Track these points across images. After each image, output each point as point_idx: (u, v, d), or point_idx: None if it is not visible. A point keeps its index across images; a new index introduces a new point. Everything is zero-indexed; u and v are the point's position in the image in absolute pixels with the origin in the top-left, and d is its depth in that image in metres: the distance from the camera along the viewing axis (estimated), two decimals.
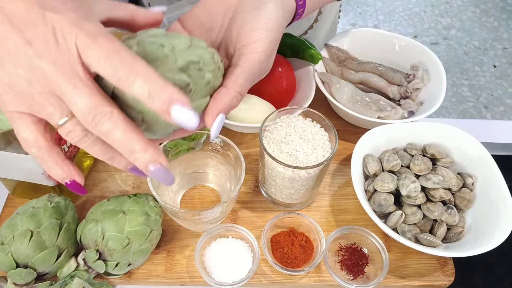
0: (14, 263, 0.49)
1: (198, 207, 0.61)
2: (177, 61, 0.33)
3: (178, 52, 0.33)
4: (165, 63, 0.33)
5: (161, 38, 0.34)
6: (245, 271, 0.54)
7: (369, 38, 0.75)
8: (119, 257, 0.50)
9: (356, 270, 0.55)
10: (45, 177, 0.54)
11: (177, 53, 0.33)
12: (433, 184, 0.56)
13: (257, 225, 0.60)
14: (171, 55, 0.33)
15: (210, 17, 0.43)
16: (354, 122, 0.70)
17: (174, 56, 0.33)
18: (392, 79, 0.71)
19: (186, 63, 0.33)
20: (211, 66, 0.36)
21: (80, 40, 0.30)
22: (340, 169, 0.66)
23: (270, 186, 0.58)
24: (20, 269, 0.48)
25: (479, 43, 2.21)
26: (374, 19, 2.31)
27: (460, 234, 0.56)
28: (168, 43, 0.33)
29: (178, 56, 0.33)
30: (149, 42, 0.33)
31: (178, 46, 0.34)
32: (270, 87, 0.66)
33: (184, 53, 0.34)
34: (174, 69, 0.33)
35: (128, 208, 0.52)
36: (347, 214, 0.62)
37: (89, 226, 0.51)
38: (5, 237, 0.49)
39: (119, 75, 0.29)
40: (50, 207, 0.52)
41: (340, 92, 0.68)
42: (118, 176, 0.64)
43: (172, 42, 0.34)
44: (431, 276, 0.57)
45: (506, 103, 1.97)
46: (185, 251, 0.57)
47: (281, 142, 0.54)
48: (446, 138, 0.62)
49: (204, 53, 0.35)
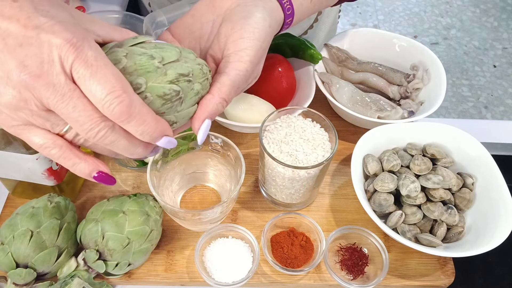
0: (14, 263, 0.49)
1: (198, 207, 0.61)
2: (167, 74, 0.35)
3: (169, 64, 0.35)
4: (155, 75, 0.34)
5: (150, 50, 0.35)
6: (245, 271, 0.54)
7: (369, 38, 0.75)
8: (119, 257, 0.50)
9: (356, 270, 0.55)
10: (45, 177, 0.54)
11: (167, 65, 0.35)
12: (433, 184, 0.56)
13: (257, 225, 0.60)
14: (162, 67, 0.34)
15: (200, 25, 0.45)
16: (354, 122, 0.70)
17: (164, 68, 0.35)
18: (392, 79, 0.71)
19: (176, 76, 0.35)
20: (200, 78, 0.37)
21: (77, 65, 0.30)
22: (340, 169, 0.66)
23: (270, 186, 0.58)
24: (20, 269, 0.48)
25: (479, 43, 2.21)
26: (374, 19, 2.31)
27: (460, 234, 0.56)
28: (158, 55, 0.35)
29: (168, 69, 0.35)
30: (139, 54, 0.34)
31: (168, 59, 0.35)
32: (270, 87, 0.66)
33: (175, 65, 0.35)
34: (164, 81, 0.34)
35: (128, 208, 0.52)
36: (347, 214, 0.62)
37: (89, 226, 0.51)
38: (5, 237, 0.49)
39: (116, 116, 0.31)
40: (50, 207, 0.52)
41: (340, 92, 0.68)
42: (118, 176, 0.64)
43: (162, 55, 0.35)
44: (431, 276, 0.57)
45: (506, 103, 1.97)
46: (185, 251, 0.57)
47: (281, 142, 0.54)
48: (446, 138, 0.62)
49: (194, 65, 0.37)
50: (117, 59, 0.33)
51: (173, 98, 0.35)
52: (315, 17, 0.82)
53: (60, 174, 0.55)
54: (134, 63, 0.34)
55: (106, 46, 0.35)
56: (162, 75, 0.34)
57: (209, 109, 0.39)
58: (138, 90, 0.33)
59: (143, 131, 0.32)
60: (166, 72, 0.34)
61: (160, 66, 0.34)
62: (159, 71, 0.34)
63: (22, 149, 0.49)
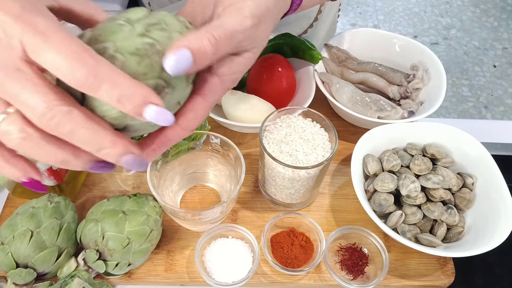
0: (14, 263, 0.49)
1: (198, 207, 0.61)
2: (135, 27, 0.30)
3: (135, 20, 0.30)
4: (121, 32, 0.29)
5: (115, 16, 0.31)
6: (245, 271, 0.54)
7: (369, 38, 0.75)
8: (119, 257, 0.50)
9: (356, 270, 0.55)
10: (45, 177, 0.54)
11: (133, 21, 0.30)
12: (433, 184, 0.56)
13: (257, 225, 0.60)
14: (127, 24, 0.30)
15: (201, 10, 0.40)
16: (354, 122, 0.70)
17: (130, 24, 0.30)
18: (392, 79, 0.71)
19: (145, 26, 0.30)
20: (177, 25, 0.32)
21: (27, 37, 0.26)
22: (340, 169, 0.66)
23: (270, 186, 0.58)
24: (20, 269, 0.48)
25: (479, 43, 2.21)
26: (374, 19, 2.31)
27: (460, 234, 0.56)
28: (122, 16, 0.31)
29: (135, 23, 0.30)
30: (103, 22, 0.31)
31: (134, 16, 0.30)
32: (270, 87, 0.66)
33: (142, 20, 0.30)
34: (133, 36, 0.29)
35: (128, 208, 0.52)
36: (347, 214, 0.62)
37: (89, 226, 0.51)
38: (5, 237, 0.49)
39: (81, 81, 0.26)
40: (50, 207, 0.52)
41: (340, 92, 0.68)
42: (118, 176, 0.64)
43: (126, 15, 0.31)
44: (431, 276, 0.57)
45: (506, 103, 1.97)
46: (185, 251, 0.57)
47: (281, 142, 0.54)
48: (446, 138, 0.62)
49: (165, 15, 0.32)
50: (81, 34, 0.30)
51: (149, 51, 0.29)
52: (315, 16, 0.82)
53: (60, 174, 0.55)
54: (98, 29, 0.29)
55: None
56: (129, 32, 0.29)
57: (191, 40, 0.30)
58: (104, 54, 0.28)
59: (119, 95, 0.26)
60: (133, 27, 0.29)
61: (124, 23, 0.29)
62: (125, 28, 0.29)
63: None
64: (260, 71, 0.67)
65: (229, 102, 0.64)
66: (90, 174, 0.64)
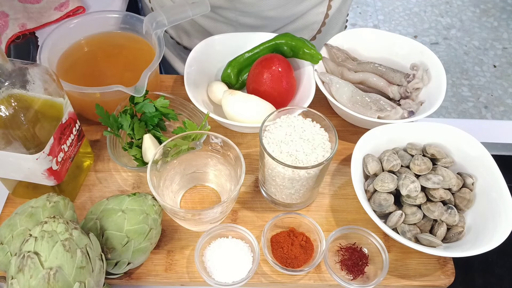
0: None
1: (198, 207, 0.61)
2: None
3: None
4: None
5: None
6: (245, 271, 0.54)
7: (369, 38, 0.75)
8: (118, 255, 0.50)
9: (356, 270, 0.55)
10: (45, 177, 0.54)
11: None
12: (433, 184, 0.56)
13: (257, 225, 0.60)
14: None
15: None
16: (354, 122, 0.70)
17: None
18: (392, 79, 0.71)
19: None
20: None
21: None
22: (340, 169, 0.66)
23: (270, 186, 0.58)
24: None
25: (479, 43, 2.21)
26: (374, 19, 2.31)
27: (460, 234, 0.56)
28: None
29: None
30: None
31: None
32: (270, 87, 0.66)
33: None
34: None
35: (127, 207, 0.52)
36: (347, 214, 0.62)
37: (88, 225, 0.51)
38: (4, 237, 0.49)
39: None
40: (49, 206, 0.52)
41: (340, 92, 0.68)
42: (118, 176, 0.64)
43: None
44: (431, 276, 0.57)
45: (506, 103, 1.97)
46: (185, 251, 0.57)
47: (281, 142, 0.54)
48: (446, 138, 0.62)
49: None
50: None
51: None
52: (318, 28, 0.82)
53: (60, 174, 0.55)
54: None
55: None
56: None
57: None
58: None
59: None
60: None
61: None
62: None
63: (22, 149, 0.49)
64: (260, 71, 0.67)
65: (229, 102, 0.64)
66: (90, 174, 0.64)
